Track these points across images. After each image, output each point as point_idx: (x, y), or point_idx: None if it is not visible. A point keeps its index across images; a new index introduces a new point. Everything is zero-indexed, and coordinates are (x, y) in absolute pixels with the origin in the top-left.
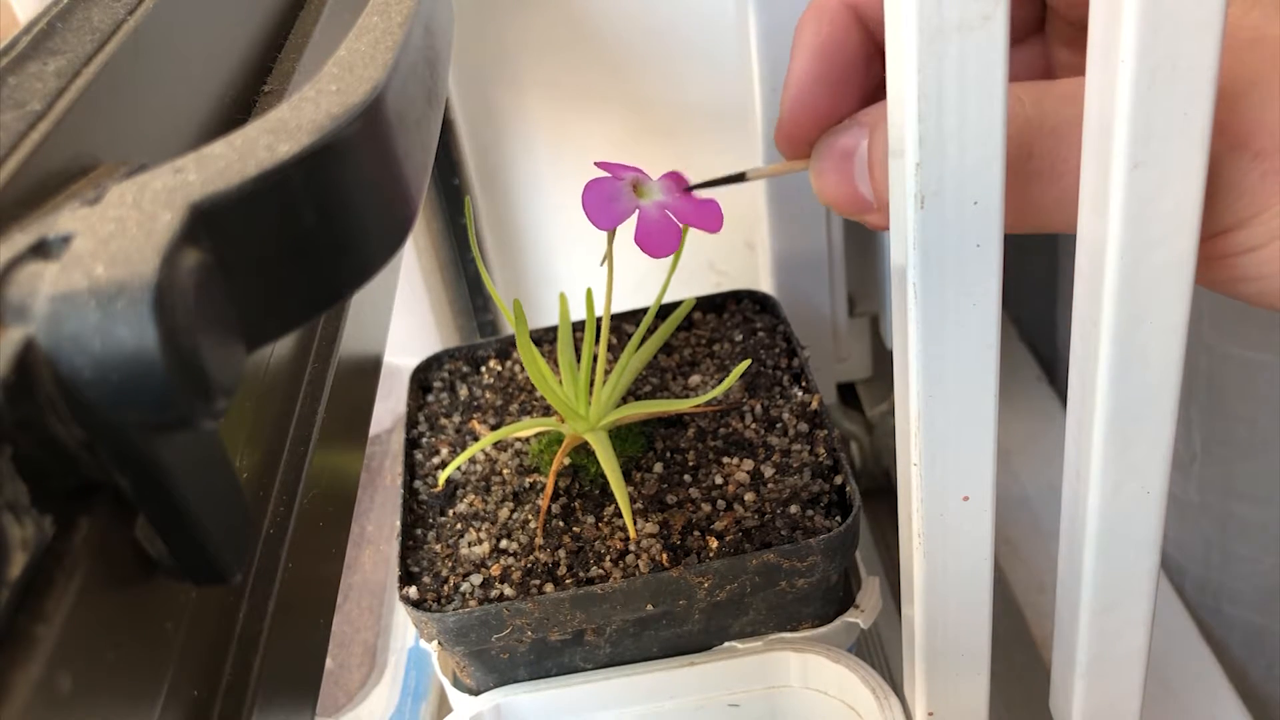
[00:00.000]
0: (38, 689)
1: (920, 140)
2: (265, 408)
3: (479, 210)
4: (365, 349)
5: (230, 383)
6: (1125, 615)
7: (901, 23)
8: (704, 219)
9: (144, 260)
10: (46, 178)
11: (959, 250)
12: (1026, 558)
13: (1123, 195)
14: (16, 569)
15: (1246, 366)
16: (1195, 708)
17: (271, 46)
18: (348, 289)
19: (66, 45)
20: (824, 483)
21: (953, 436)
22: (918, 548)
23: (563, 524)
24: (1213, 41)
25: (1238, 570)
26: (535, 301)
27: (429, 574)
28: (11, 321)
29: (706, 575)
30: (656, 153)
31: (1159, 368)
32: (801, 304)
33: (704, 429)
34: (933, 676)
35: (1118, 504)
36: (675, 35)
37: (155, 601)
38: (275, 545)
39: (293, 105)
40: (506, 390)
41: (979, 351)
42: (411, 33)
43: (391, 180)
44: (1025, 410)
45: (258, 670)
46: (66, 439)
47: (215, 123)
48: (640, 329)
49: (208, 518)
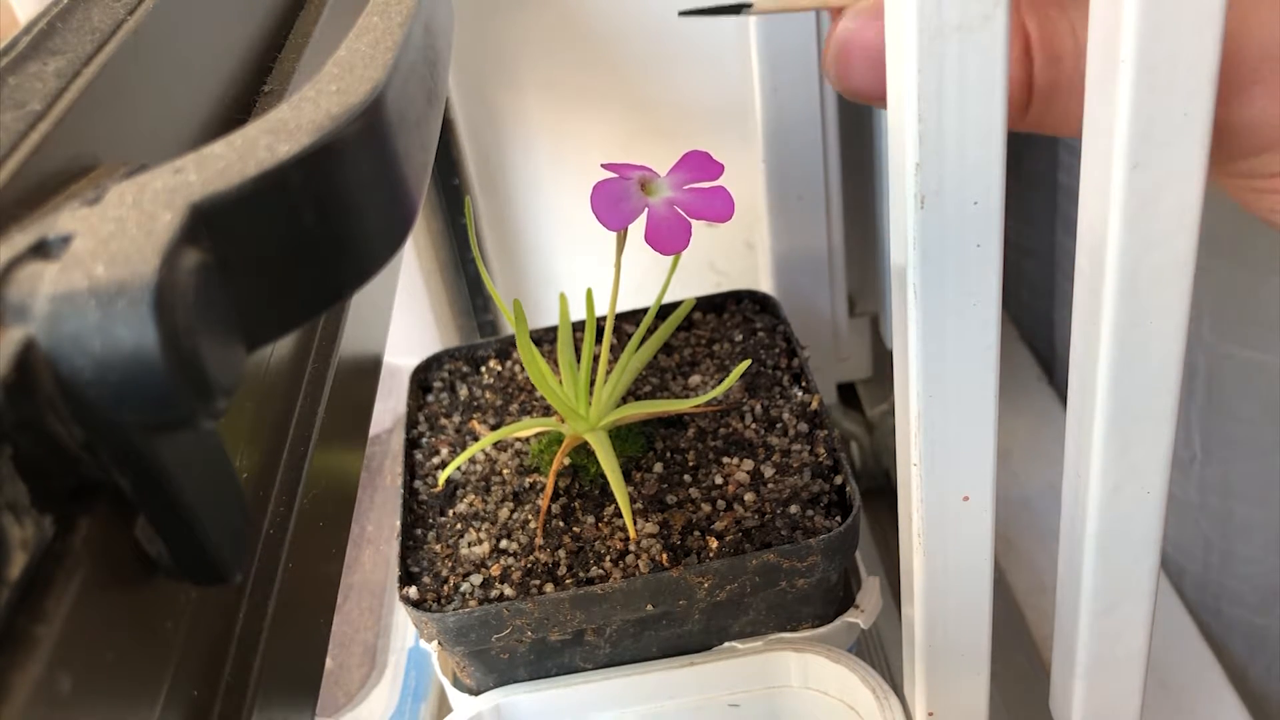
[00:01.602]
0: (38, 689)
1: (920, 140)
2: (265, 408)
3: (479, 210)
4: (365, 349)
5: (230, 383)
6: (1125, 615)
7: (901, 23)
8: (714, 209)
9: (144, 260)
10: (46, 178)
11: (959, 250)
12: (1026, 558)
13: (1123, 195)
14: (16, 569)
15: (1246, 367)
16: (1195, 708)
17: (271, 46)
18: (348, 289)
19: (66, 45)
20: (824, 483)
21: (953, 436)
22: (918, 548)
23: (563, 524)
24: (1213, 41)
25: (1238, 570)
26: (535, 301)
27: (429, 574)
28: (11, 321)
29: (706, 575)
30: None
31: (1159, 368)
32: (801, 304)
33: (704, 429)
34: (933, 676)
35: (1118, 504)
36: (675, 35)
37: (155, 601)
38: (275, 545)
39: (293, 105)
40: (506, 390)
41: (979, 351)
42: (411, 33)
43: (391, 180)
44: (1025, 410)
45: (258, 670)
46: (66, 439)
47: (215, 123)
48: (640, 329)
49: (208, 518)
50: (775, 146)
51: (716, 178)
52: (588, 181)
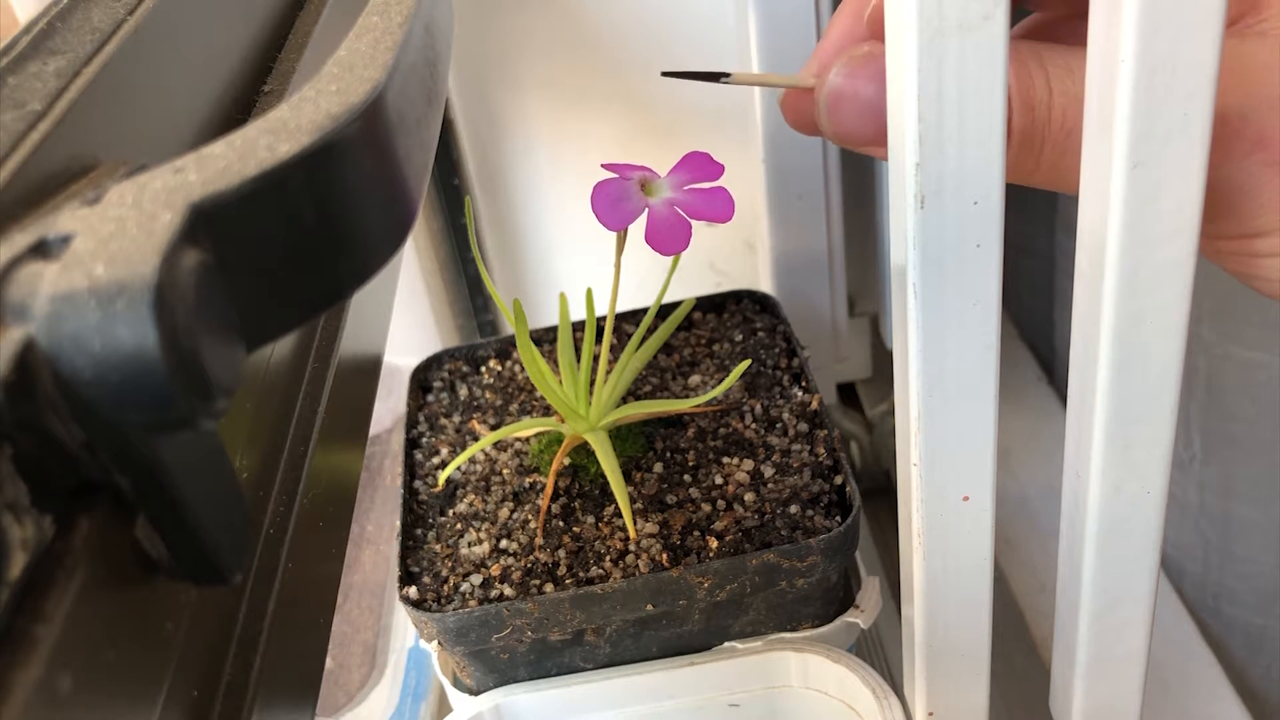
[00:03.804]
0: (38, 689)
1: (920, 140)
2: (265, 408)
3: (479, 210)
4: (365, 349)
5: (230, 383)
6: (1125, 615)
7: (901, 23)
8: (714, 210)
9: (144, 260)
10: (46, 178)
11: (959, 250)
12: (1026, 558)
13: (1123, 195)
14: (16, 569)
15: (1246, 367)
16: (1195, 708)
17: (271, 46)
18: (348, 289)
19: (66, 45)
20: (824, 483)
21: (953, 436)
22: (918, 548)
23: (563, 524)
24: (1213, 41)
25: (1237, 570)
26: (535, 301)
27: (429, 574)
28: (11, 321)
29: (706, 575)
30: (656, 153)
31: (1159, 368)
32: (801, 304)
33: (704, 429)
34: (933, 676)
35: (1118, 504)
36: (675, 35)
37: (155, 601)
38: (275, 545)
39: (293, 105)
40: (506, 390)
41: (979, 351)
42: (411, 33)
43: (391, 180)
44: (1025, 410)
45: (258, 670)
46: (66, 439)
47: (215, 123)
48: (640, 329)
49: (208, 518)
50: (775, 146)
51: (716, 178)
52: (588, 181)
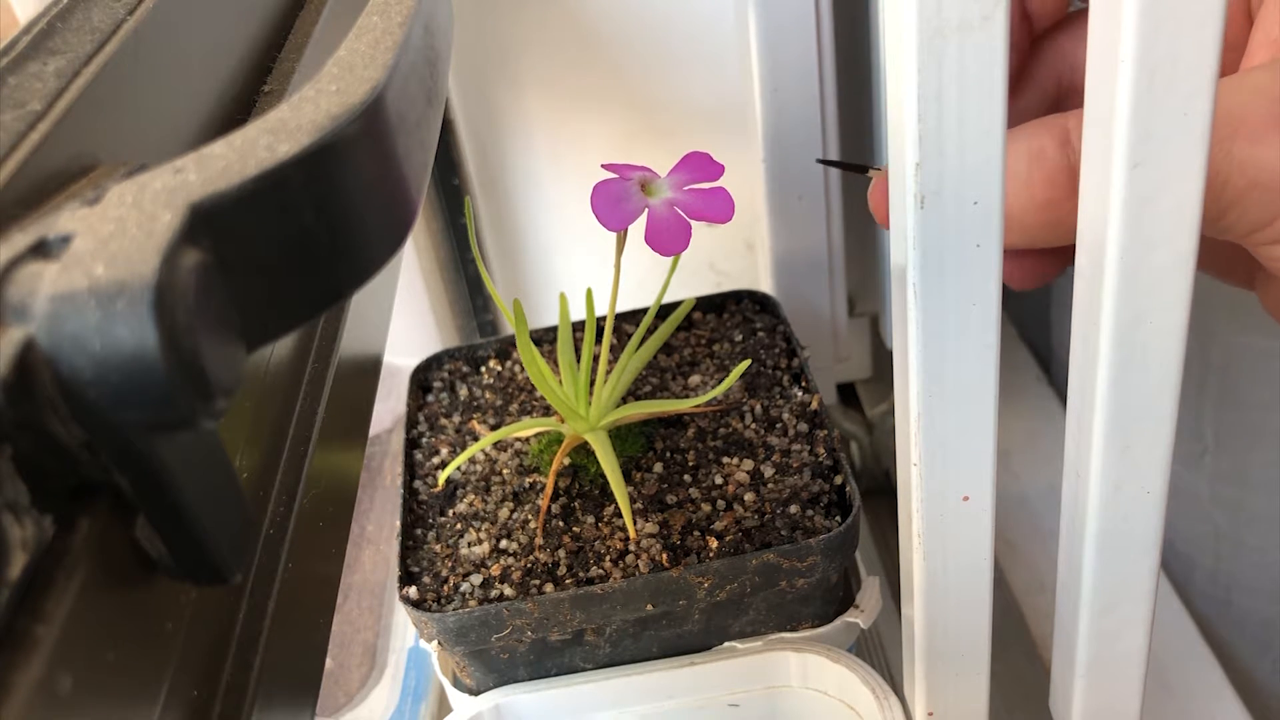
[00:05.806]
0: (38, 689)
1: (920, 140)
2: (265, 408)
3: (479, 210)
4: (365, 349)
5: (230, 383)
6: (1125, 615)
7: (901, 23)
8: (714, 210)
9: (144, 260)
10: (46, 178)
11: (959, 250)
12: (1026, 558)
13: (1123, 195)
14: (16, 569)
15: (1259, 355)
16: (1195, 708)
17: (271, 46)
18: (348, 289)
19: (66, 45)
20: (824, 483)
21: (953, 436)
22: (918, 548)
23: (563, 524)
24: (1213, 41)
25: (1249, 560)
26: (535, 301)
27: (429, 574)
28: (11, 321)
29: (706, 575)
30: (656, 153)
31: (1159, 368)
32: (801, 304)
33: (704, 429)
34: (933, 676)
35: (1118, 504)
36: (675, 36)
37: (155, 601)
38: (275, 545)
39: (293, 105)
40: (506, 390)
41: (979, 351)
42: (411, 33)
43: (391, 180)
44: (1025, 410)
45: (258, 670)
46: (66, 439)
47: (215, 123)
48: (640, 329)
49: (208, 518)
50: (775, 146)
51: (716, 178)
52: (588, 181)
